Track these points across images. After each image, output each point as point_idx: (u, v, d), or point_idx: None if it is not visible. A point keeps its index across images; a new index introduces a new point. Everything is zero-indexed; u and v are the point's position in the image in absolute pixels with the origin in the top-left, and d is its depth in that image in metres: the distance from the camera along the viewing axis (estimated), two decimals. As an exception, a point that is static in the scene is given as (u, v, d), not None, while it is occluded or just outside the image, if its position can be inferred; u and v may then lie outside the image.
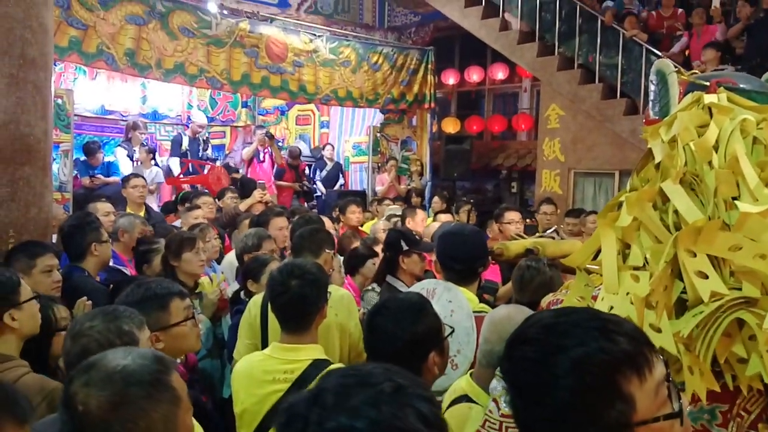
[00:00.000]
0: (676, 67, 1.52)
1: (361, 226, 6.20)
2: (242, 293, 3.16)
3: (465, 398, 1.80)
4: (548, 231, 3.39)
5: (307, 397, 0.82)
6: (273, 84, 8.20)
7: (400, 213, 6.80)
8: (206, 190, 6.44)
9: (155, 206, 7.94)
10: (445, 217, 5.40)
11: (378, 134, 10.06)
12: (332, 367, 2.02)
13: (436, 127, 10.85)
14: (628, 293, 1.23)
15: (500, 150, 10.73)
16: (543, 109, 8.18)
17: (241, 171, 9.22)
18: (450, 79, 11.31)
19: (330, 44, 8.84)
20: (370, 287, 3.35)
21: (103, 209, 4.54)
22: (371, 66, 9.31)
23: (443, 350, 1.68)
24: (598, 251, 1.42)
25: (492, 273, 4.09)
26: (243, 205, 5.98)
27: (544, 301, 1.55)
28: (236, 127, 11.36)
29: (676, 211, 1.29)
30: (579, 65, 7.75)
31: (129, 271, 3.88)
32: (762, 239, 1.14)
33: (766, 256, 1.13)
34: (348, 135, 11.01)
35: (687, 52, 6.99)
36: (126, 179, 5.65)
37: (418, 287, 2.28)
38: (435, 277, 3.63)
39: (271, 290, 2.04)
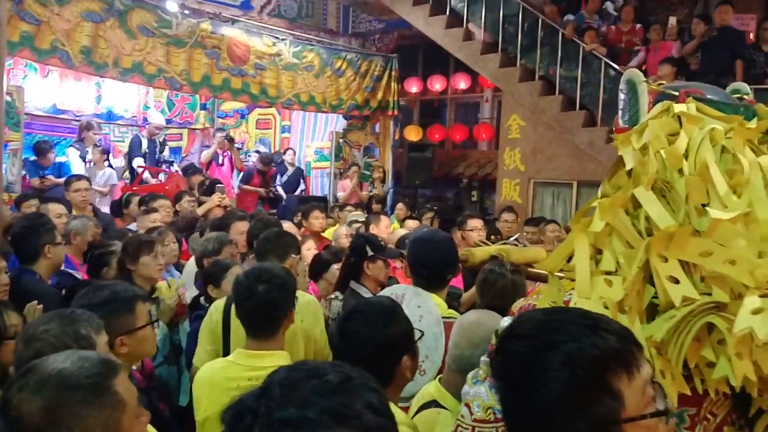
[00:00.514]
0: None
1: (323, 232, 6.16)
2: (202, 298, 3.09)
3: (433, 403, 1.79)
4: (511, 238, 3.42)
5: (255, 392, 0.81)
6: (234, 86, 8.09)
7: (362, 219, 6.80)
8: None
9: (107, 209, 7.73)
10: (413, 224, 5.40)
11: (341, 140, 10.04)
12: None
13: (398, 134, 10.90)
14: (601, 297, 1.24)
15: (461, 159, 10.83)
16: (504, 119, 8.30)
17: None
18: (413, 87, 11.37)
19: (293, 48, 8.78)
20: (333, 295, 3.31)
21: (55, 210, 4.38)
22: (335, 71, 9.29)
23: (415, 354, 1.67)
24: (570, 257, 1.43)
25: (455, 279, 4.12)
26: (201, 209, 5.86)
27: (515, 306, 1.55)
28: (194, 129, 11.15)
29: (647, 217, 1.31)
30: (540, 77, 7.90)
31: (80, 275, 3.75)
32: (732, 245, 1.16)
33: (735, 262, 1.15)
34: (310, 140, 10.94)
35: (644, 67, 7.19)
36: (68, 181, 5.46)
37: (387, 292, 2.26)
38: (398, 284, 3.63)
39: (237, 294, 1.99)
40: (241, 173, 9.41)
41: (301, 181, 10.07)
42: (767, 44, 6.41)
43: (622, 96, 1.60)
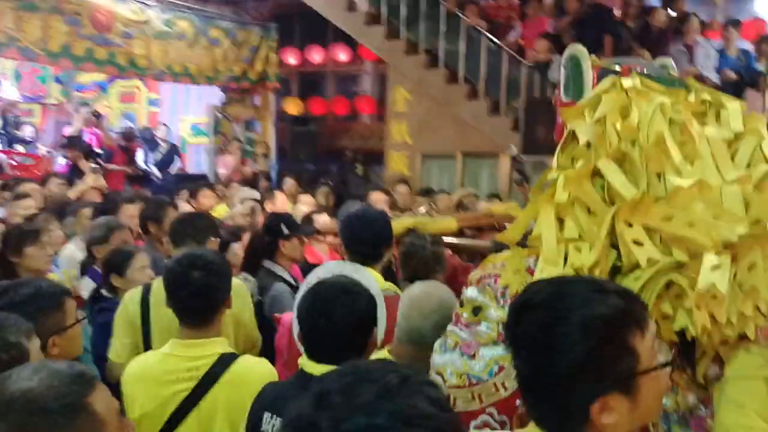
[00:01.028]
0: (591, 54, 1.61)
1: (213, 211, 5.90)
2: (104, 290, 2.84)
3: None
4: (421, 209, 3.49)
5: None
6: (98, 56, 7.43)
7: (254, 196, 6.59)
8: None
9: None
10: (307, 200, 5.31)
11: (219, 114, 9.59)
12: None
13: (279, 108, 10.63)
14: (572, 264, 1.30)
15: (344, 132, 10.80)
16: (390, 93, 8.36)
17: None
18: (290, 58, 11.10)
19: (164, 15, 8.20)
20: (241, 276, 3.18)
21: None
22: (210, 41, 8.82)
23: (377, 323, 1.66)
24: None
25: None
26: (73, 192, 5.36)
27: (474, 277, 1.58)
28: (47, 105, 10.13)
29: (602, 186, 1.38)
30: (424, 50, 8.03)
31: None
32: (690, 209, 1.26)
33: (694, 224, 1.25)
34: (183, 114, 10.37)
35: (521, 42, 7.56)
36: None
37: (323, 270, 2.20)
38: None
39: (170, 283, 1.85)
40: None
41: (176, 158, 9.54)
42: (631, 20, 6.98)
43: (563, 71, 1.66)
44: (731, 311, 1.22)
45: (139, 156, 9.08)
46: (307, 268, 3.36)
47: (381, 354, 1.89)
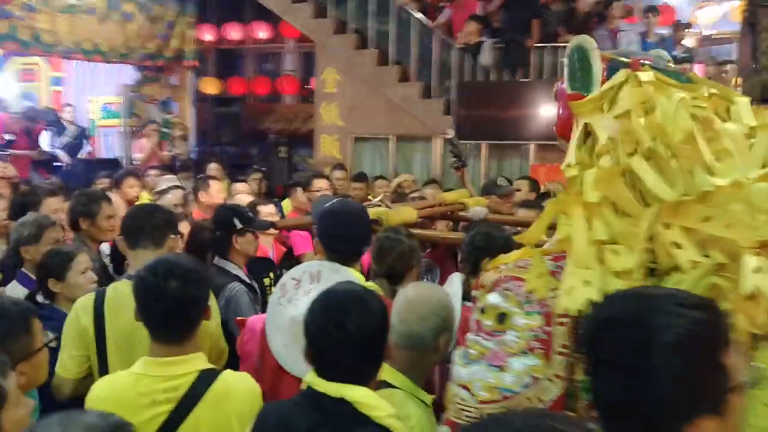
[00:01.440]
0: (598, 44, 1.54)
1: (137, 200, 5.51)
2: (39, 295, 2.54)
3: (384, 384, 1.69)
4: (376, 200, 3.37)
5: None
6: (-2, 30, 6.74)
7: (175, 183, 6.21)
8: None
9: None
10: (241, 187, 5.04)
11: (132, 94, 8.98)
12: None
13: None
14: (610, 267, 1.25)
15: (267, 113, 10.43)
16: (319, 73, 8.12)
17: None
18: (206, 35, 10.55)
19: (70, -14, 7.54)
20: None
21: None
22: (123, 15, 8.21)
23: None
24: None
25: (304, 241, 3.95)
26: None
27: (487, 279, 1.49)
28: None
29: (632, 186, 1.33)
30: (354, 30, 7.84)
31: None
32: (729, 210, 1.23)
33: (731, 224, 1.22)
34: (92, 94, 9.63)
35: (450, 24, 7.54)
36: None
37: (301, 269, 2.05)
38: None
39: (144, 296, 1.64)
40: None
41: (85, 142, 8.86)
42: (557, 4, 7.11)
43: (566, 62, 1.59)
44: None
45: (44, 139, 8.36)
46: (253, 263, 3.18)
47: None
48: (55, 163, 8.46)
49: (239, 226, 2.89)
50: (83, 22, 7.65)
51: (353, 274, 2.02)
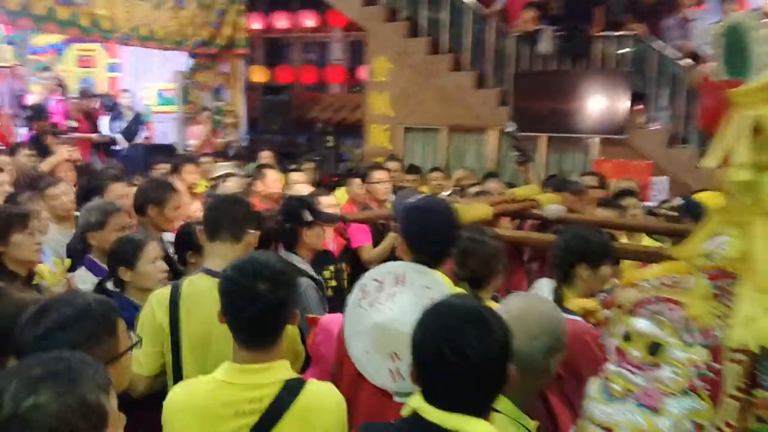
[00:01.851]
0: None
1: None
2: (110, 283, 2.50)
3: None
4: (445, 193, 3.22)
5: None
6: (60, 17, 6.77)
7: (230, 171, 6.17)
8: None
9: None
10: (298, 177, 4.94)
11: (186, 81, 9.02)
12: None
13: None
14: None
15: (314, 102, 10.36)
16: (369, 62, 7.98)
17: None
18: (255, 23, 10.52)
19: (127, -27, 7.56)
20: None
21: None
22: (177, 3, 8.22)
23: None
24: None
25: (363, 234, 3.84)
26: (46, 165, 4.87)
27: (626, 299, 1.32)
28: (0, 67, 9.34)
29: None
30: (405, 17, 7.67)
31: None
32: None
33: None
34: (147, 81, 9.72)
35: (505, 11, 7.30)
36: None
37: (383, 270, 1.92)
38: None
39: (233, 298, 1.55)
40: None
41: (141, 127, 8.95)
42: (622, -8, 6.81)
43: (716, 44, 1.40)
44: None
45: (104, 122, 8.46)
46: (314, 255, 3.09)
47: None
48: (113, 147, 8.59)
49: (308, 218, 2.79)
50: (140, 9, 7.68)
51: (441, 278, 1.89)
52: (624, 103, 6.51)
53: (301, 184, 4.63)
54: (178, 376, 2.03)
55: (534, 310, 1.63)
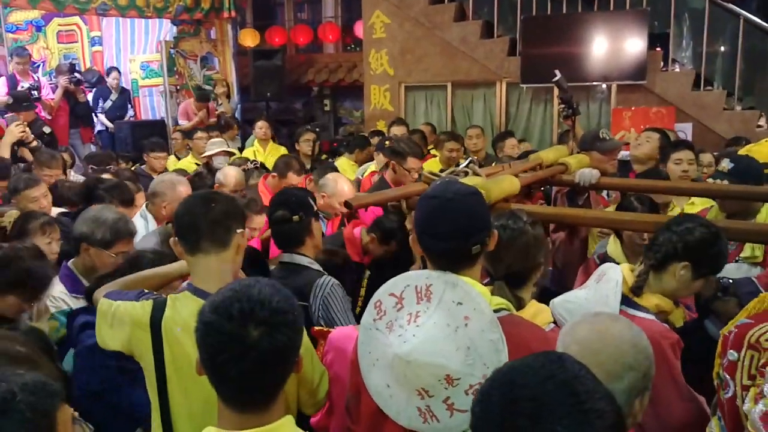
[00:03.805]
0: None
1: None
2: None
3: None
4: (462, 165, 2.81)
5: None
6: (30, -10, 6.30)
7: (226, 146, 5.75)
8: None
9: None
10: (344, 163, 4.36)
11: (172, 50, 8.50)
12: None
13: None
14: None
15: (308, 65, 9.84)
16: (366, 17, 7.45)
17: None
18: (241, -18, 9.92)
19: (98, -63, 7.01)
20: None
21: None
22: (155, -34, 7.67)
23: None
24: None
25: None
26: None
27: (749, 333, 0.95)
28: (-25, 49, 8.85)
29: None
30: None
31: None
32: None
33: None
34: (131, 53, 9.21)
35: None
36: None
37: (401, 283, 1.52)
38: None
39: (213, 349, 1.16)
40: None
41: (129, 105, 8.51)
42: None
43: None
44: None
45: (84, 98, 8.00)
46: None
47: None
48: (98, 129, 8.17)
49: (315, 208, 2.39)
50: (115, -24, 7.16)
51: (475, 289, 1.50)
52: (641, 46, 6.02)
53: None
54: (165, 411, 1.69)
55: (612, 342, 1.24)
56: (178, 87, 8.50)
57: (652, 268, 1.85)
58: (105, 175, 4.13)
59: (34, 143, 4.69)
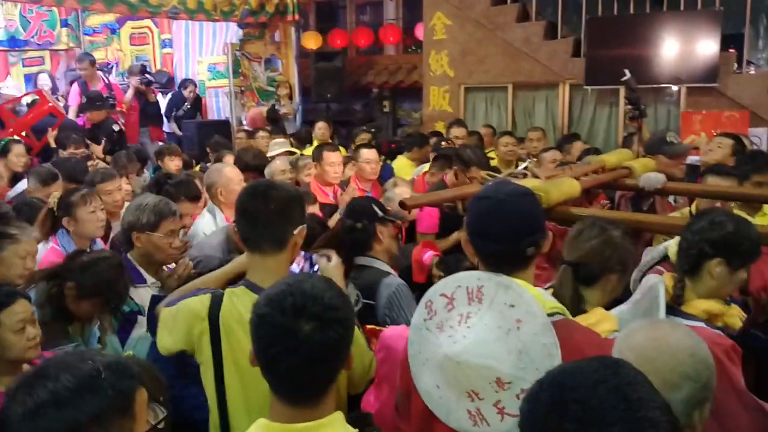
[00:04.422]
0: None
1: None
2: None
3: None
4: (521, 167, 2.77)
5: None
6: (106, -6, 6.60)
7: (286, 147, 5.85)
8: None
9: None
10: (370, 154, 4.37)
11: (237, 53, 8.74)
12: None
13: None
14: None
15: (369, 66, 9.90)
16: (427, 19, 7.44)
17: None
18: (305, -14, 10.09)
19: (170, -56, 7.28)
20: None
21: None
22: (223, -29, 7.90)
23: None
24: None
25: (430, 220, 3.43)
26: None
27: None
28: (57, 50, 9.38)
29: None
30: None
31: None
32: None
33: None
34: (199, 55, 9.53)
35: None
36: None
37: (452, 283, 1.51)
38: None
39: (265, 341, 1.19)
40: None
41: (199, 113, 8.81)
42: None
43: None
44: None
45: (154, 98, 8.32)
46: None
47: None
48: (166, 131, 8.48)
49: (380, 214, 2.39)
50: (185, -19, 7.42)
51: (527, 291, 1.47)
52: (713, 47, 5.76)
53: (372, 163, 4.22)
54: (222, 406, 1.74)
55: (669, 350, 1.19)
56: (243, 88, 8.72)
57: (686, 273, 1.78)
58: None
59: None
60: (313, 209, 3.22)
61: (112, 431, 0.99)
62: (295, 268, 2.02)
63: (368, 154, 4.23)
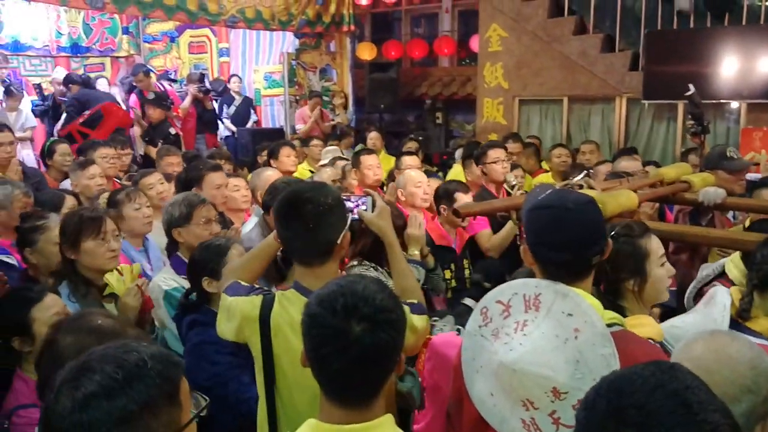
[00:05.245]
0: None
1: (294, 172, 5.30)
2: (194, 295, 2.26)
3: None
4: (578, 178, 2.72)
5: None
6: (167, 2, 6.82)
7: (340, 154, 5.93)
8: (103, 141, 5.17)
9: (32, 158, 6.56)
10: (411, 161, 4.49)
11: (293, 62, 8.91)
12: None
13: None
14: None
15: (422, 78, 9.94)
16: (483, 30, 7.42)
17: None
18: (361, -1, 10.22)
19: (230, -45, 7.50)
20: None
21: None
22: (281, -18, 8.09)
23: None
24: None
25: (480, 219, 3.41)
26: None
27: None
28: (117, 57, 9.76)
29: None
30: (522, -21, 7.03)
31: (16, 260, 2.84)
32: None
33: None
34: (255, 63, 9.76)
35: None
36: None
37: (509, 290, 1.49)
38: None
39: (319, 344, 1.20)
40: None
41: (252, 111, 8.99)
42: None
43: None
44: None
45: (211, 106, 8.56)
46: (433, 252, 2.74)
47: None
48: (225, 134, 8.70)
49: None
50: (245, -10, 7.62)
51: (585, 300, 1.45)
52: (775, 63, 5.55)
53: (413, 169, 4.25)
54: (271, 405, 1.76)
55: (728, 362, 1.15)
56: (298, 97, 8.87)
57: (755, 288, 1.71)
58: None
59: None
60: None
61: (162, 419, 1.00)
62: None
63: (369, 160, 4.28)
